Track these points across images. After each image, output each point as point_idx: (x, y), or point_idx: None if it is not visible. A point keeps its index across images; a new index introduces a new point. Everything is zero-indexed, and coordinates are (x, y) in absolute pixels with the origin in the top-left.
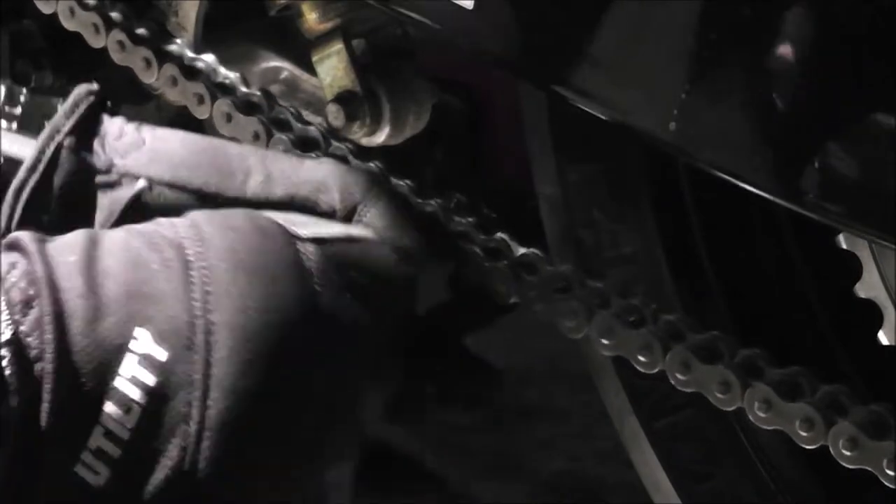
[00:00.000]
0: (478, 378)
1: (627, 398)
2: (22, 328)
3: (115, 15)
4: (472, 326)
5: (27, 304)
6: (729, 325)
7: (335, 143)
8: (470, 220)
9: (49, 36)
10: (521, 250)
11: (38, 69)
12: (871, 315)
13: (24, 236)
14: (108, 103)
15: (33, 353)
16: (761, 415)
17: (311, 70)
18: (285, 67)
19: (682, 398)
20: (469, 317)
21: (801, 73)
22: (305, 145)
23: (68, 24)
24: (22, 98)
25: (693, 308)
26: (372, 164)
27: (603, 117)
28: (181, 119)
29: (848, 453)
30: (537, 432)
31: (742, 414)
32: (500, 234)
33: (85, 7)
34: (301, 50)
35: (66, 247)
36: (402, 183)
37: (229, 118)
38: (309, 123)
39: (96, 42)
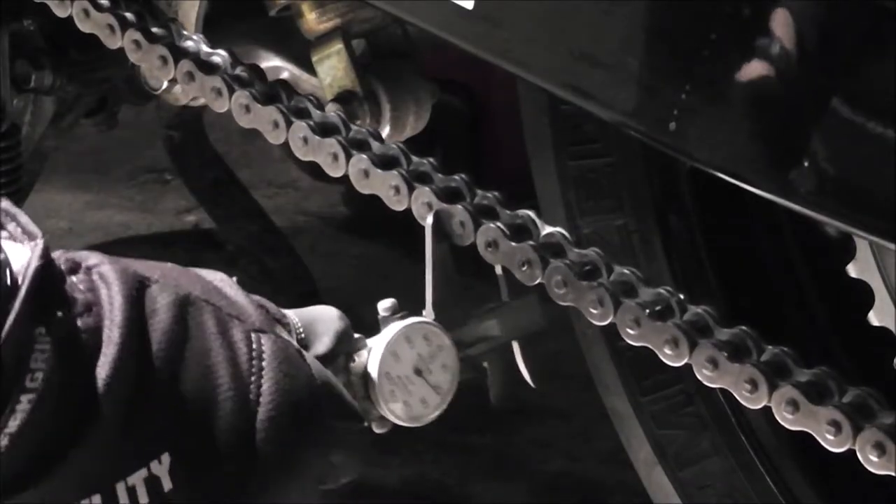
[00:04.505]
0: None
1: (630, 405)
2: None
3: (129, 15)
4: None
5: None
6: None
7: (355, 128)
8: (494, 195)
9: (49, 36)
10: (548, 229)
11: (38, 69)
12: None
13: None
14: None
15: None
16: (788, 416)
17: (311, 70)
18: (285, 67)
19: (687, 404)
20: None
21: (800, 72)
22: (325, 132)
23: (83, 26)
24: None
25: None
26: None
27: (603, 117)
28: (180, 120)
29: (875, 459)
30: (537, 432)
31: (742, 415)
32: (524, 212)
33: (99, 8)
34: (301, 50)
35: None
36: (424, 161)
37: (248, 109)
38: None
39: (112, 43)
